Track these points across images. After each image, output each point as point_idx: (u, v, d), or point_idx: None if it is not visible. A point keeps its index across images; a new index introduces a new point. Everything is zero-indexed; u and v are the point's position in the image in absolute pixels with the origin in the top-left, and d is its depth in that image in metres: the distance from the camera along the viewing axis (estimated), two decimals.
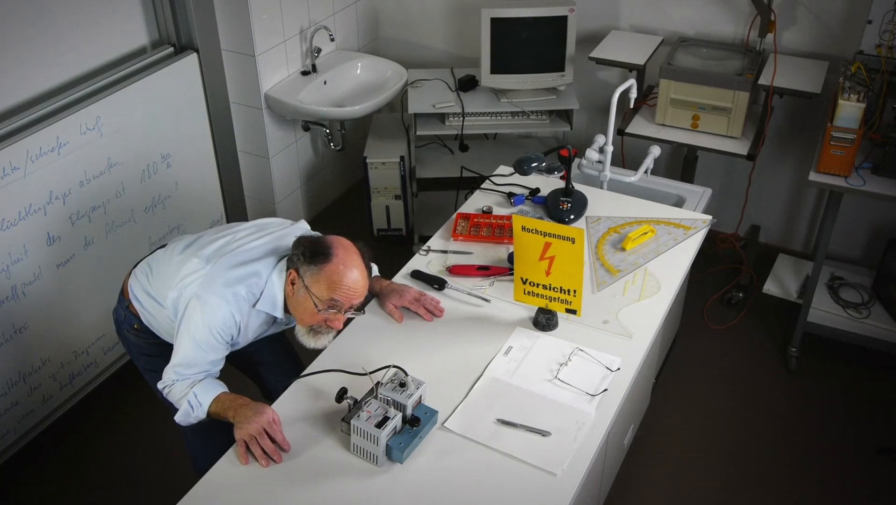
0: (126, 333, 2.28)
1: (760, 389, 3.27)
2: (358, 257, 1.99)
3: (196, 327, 1.98)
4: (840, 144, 2.84)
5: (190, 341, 1.99)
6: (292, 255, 2.00)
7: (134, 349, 2.30)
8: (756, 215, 3.89)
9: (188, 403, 1.99)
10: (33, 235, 2.75)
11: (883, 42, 3.01)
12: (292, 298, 2.01)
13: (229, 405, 1.97)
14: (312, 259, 1.95)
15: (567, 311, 2.17)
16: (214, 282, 1.99)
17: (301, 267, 1.96)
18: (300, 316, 2.02)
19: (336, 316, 1.99)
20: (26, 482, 2.91)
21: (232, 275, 2.00)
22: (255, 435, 1.86)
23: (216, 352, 2.02)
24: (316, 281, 1.94)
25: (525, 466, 1.85)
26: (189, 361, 2.00)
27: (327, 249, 1.96)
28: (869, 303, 3.32)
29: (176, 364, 2.01)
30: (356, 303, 2.00)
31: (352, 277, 1.95)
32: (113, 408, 3.18)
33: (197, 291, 1.99)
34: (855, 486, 2.88)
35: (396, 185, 3.77)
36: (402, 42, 4.21)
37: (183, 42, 3.28)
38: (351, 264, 1.96)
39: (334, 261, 1.94)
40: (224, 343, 2.02)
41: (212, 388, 2.01)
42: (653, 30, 3.67)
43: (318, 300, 1.95)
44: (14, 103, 2.77)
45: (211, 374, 2.05)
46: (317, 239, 2.01)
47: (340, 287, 1.94)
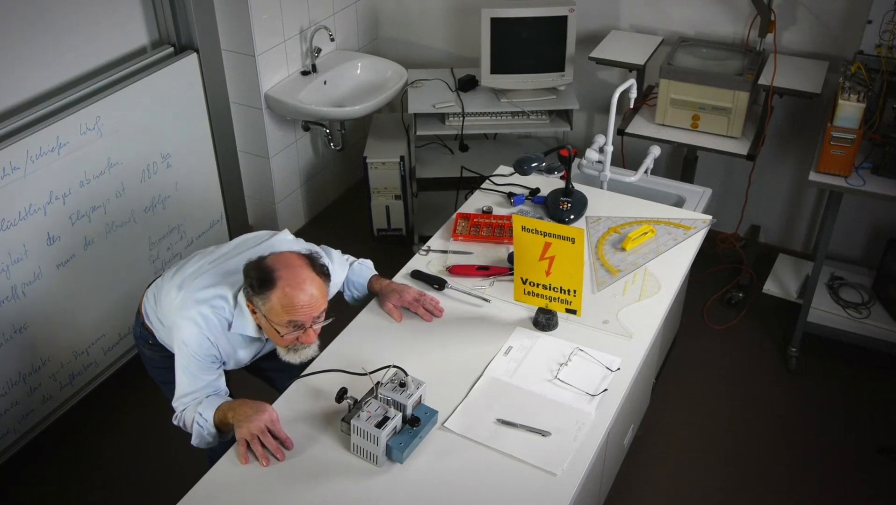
0: (143, 349, 2.33)
1: (760, 389, 3.27)
2: (305, 271, 1.94)
3: (180, 354, 2.02)
4: (840, 144, 2.84)
5: (179, 370, 2.04)
6: (244, 284, 1.98)
7: (149, 363, 2.35)
8: (756, 215, 3.89)
9: (197, 424, 2.01)
10: (33, 235, 2.75)
11: (883, 42, 3.01)
12: (262, 325, 2.01)
13: (228, 407, 1.98)
14: (260, 288, 1.92)
15: (567, 311, 2.17)
16: (184, 306, 2.03)
17: (253, 299, 1.95)
18: (273, 339, 2.02)
19: (304, 333, 1.97)
20: (26, 482, 2.91)
21: (199, 296, 2.03)
22: (256, 433, 1.86)
23: (207, 372, 2.04)
24: (270, 309, 1.92)
25: (525, 466, 1.85)
26: (185, 391, 2.04)
27: (270, 275, 1.92)
28: (869, 303, 3.32)
29: (179, 396, 2.05)
30: (318, 314, 1.97)
31: (302, 297, 1.91)
32: (113, 408, 3.18)
33: (174, 318, 2.04)
34: (855, 486, 2.88)
35: (396, 185, 3.77)
36: (402, 42, 4.21)
37: (183, 42, 3.28)
38: (297, 283, 1.91)
39: (279, 284, 1.91)
40: (209, 364, 2.04)
41: (214, 402, 2.03)
42: (653, 30, 3.67)
43: (279, 326, 1.94)
44: (14, 103, 2.77)
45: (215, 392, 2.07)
46: (259, 264, 1.96)
47: (294, 309, 1.91)
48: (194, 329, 2.00)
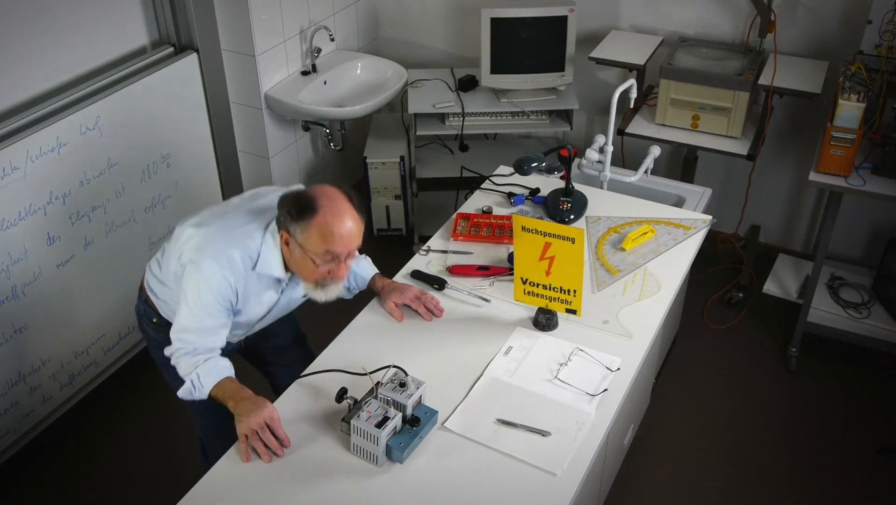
0: (146, 328, 2.27)
1: (760, 389, 3.27)
2: (345, 203, 1.92)
3: (191, 291, 1.95)
4: (840, 144, 2.84)
5: (186, 306, 1.97)
6: (279, 215, 1.95)
7: (153, 344, 2.27)
8: (756, 215, 3.89)
9: (191, 382, 1.98)
10: (33, 235, 2.75)
11: (883, 42, 3.01)
12: (291, 259, 1.97)
13: (231, 395, 1.96)
14: (299, 216, 1.89)
15: (567, 311, 2.17)
16: (207, 246, 1.96)
17: (290, 226, 1.91)
18: (303, 274, 1.99)
19: (338, 266, 1.95)
20: (26, 482, 2.91)
21: (225, 239, 1.97)
22: (256, 429, 1.86)
23: (213, 317, 1.98)
24: (308, 238, 1.89)
25: (525, 466, 1.85)
26: (187, 326, 1.98)
27: (312, 203, 1.89)
28: (869, 303, 3.32)
29: (176, 329, 1.99)
30: (354, 249, 1.96)
31: (343, 226, 1.89)
32: (113, 408, 3.18)
33: (191, 256, 1.96)
34: (855, 486, 2.88)
35: (396, 185, 3.77)
36: (402, 42, 4.21)
37: (183, 42, 3.28)
38: (339, 212, 1.90)
39: (321, 213, 1.88)
40: (221, 308, 1.98)
41: (216, 371, 1.99)
42: (653, 30, 3.67)
43: (315, 256, 1.91)
44: (14, 103, 2.77)
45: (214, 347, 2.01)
46: (300, 194, 1.94)
47: (333, 238, 1.89)
48: (216, 267, 1.94)
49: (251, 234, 1.98)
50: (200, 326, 1.98)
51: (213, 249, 1.95)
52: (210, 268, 1.94)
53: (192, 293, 1.96)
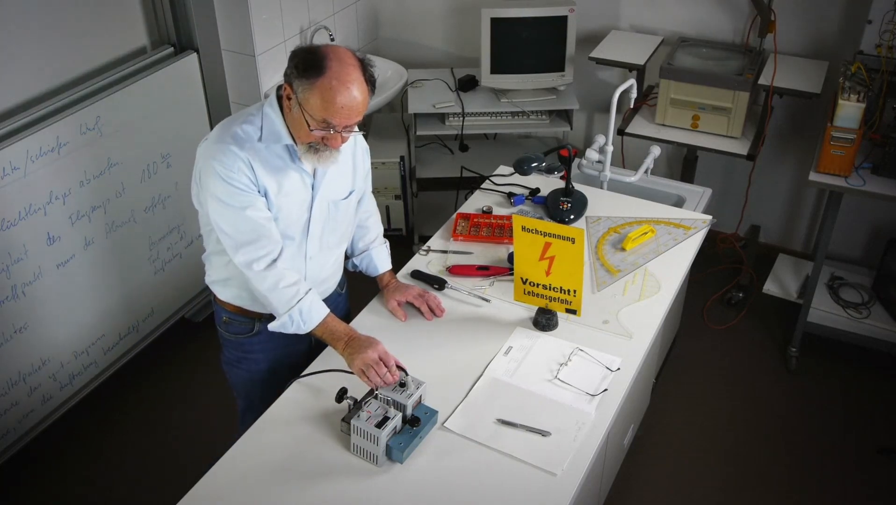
0: (219, 328, 2.24)
1: (760, 389, 3.27)
2: (355, 70, 1.81)
3: (215, 189, 1.90)
4: (840, 144, 2.85)
5: (218, 204, 1.91)
6: (287, 68, 1.84)
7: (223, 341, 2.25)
8: (756, 215, 3.89)
9: (290, 317, 1.98)
10: (33, 235, 2.75)
11: (883, 42, 3.01)
12: (289, 115, 1.89)
13: (339, 337, 2.01)
14: (305, 72, 1.78)
15: (567, 311, 2.17)
16: (213, 139, 1.93)
17: (294, 81, 1.81)
18: (297, 133, 1.90)
19: (333, 136, 1.86)
20: (26, 482, 2.91)
21: (227, 123, 1.95)
22: (371, 364, 1.92)
23: (247, 201, 1.89)
24: (308, 98, 1.79)
25: (525, 466, 1.85)
26: (234, 223, 1.91)
27: (321, 61, 1.78)
28: (869, 303, 3.32)
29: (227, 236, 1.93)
30: (354, 122, 1.86)
31: (347, 94, 1.78)
32: (113, 408, 3.18)
33: (204, 154, 1.93)
34: (855, 486, 2.88)
35: (396, 185, 3.77)
36: (402, 42, 4.21)
37: (183, 42, 3.28)
38: (347, 79, 1.78)
39: (328, 75, 1.77)
40: (246, 187, 1.89)
41: (318, 308, 2.02)
42: (653, 30, 3.67)
43: (311, 119, 1.82)
44: (14, 103, 2.77)
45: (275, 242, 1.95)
46: (311, 48, 1.83)
47: (334, 106, 1.78)
48: (223, 147, 1.88)
49: (250, 112, 1.94)
50: (245, 221, 1.91)
51: (220, 136, 1.91)
52: (219, 150, 1.88)
53: (214, 185, 1.89)
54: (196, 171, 1.96)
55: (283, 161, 1.95)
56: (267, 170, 1.93)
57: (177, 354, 3.37)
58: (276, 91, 1.95)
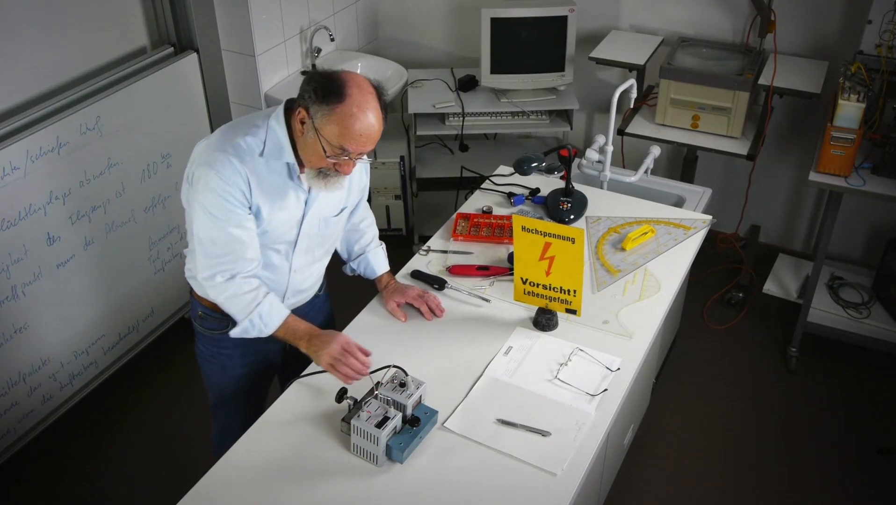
0: (195, 322, 2.21)
1: (760, 389, 3.27)
2: (374, 99, 1.82)
3: (204, 198, 1.88)
4: (840, 144, 2.85)
5: (203, 213, 1.89)
6: (302, 91, 1.83)
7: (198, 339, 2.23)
8: (756, 215, 3.89)
9: (250, 322, 1.97)
10: (33, 235, 2.75)
11: (883, 42, 3.01)
12: (301, 139, 1.88)
13: (301, 335, 2.01)
14: (324, 98, 1.78)
15: (567, 311, 2.17)
16: (214, 144, 1.91)
17: (312, 106, 1.81)
18: (308, 158, 1.90)
19: (346, 162, 1.86)
20: (26, 482, 2.91)
21: (230, 132, 1.92)
22: (336, 357, 1.93)
23: (234, 218, 1.89)
24: (326, 123, 1.79)
25: (525, 466, 1.85)
26: (212, 237, 1.91)
27: (341, 88, 1.78)
28: (869, 303, 3.32)
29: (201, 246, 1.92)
30: (368, 150, 1.87)
31: (365, 121, 1.79)
32: (113, 408, 3.18)
33: (199, 160, 1.90)
34: (855, 486, 2.88)
35: (396, 185, 3.77)
36: (402, 42, 4.21)
37: (183, 42, 3.28)
38: (366, 107, 1.80)
39: (348, 102, 1.78)
40: (238, 202, 1.88)
41: (278, 310, 2.01)
42: (653, 30, 3.67)
43: (328, 144, 1.82)
44: (14, 103, 2.77)
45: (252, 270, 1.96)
46: (329, 74, 1.82)
47: (352, 133, 1.79)
48: (222, 156, 1.86)
49: (254, 123, 1.92)
50: (225, 237, 1.90)
51: (221, 143, 1.89)
52: (217, 158, 1.86)
53: (204, 193, 1.87)
54: (189, 172, 1.94)
55: (280, 178, 1.95)
56: (264, 186, 1.92)
57: (177, 354, 3.36)
58: (283, 104, 1.94)
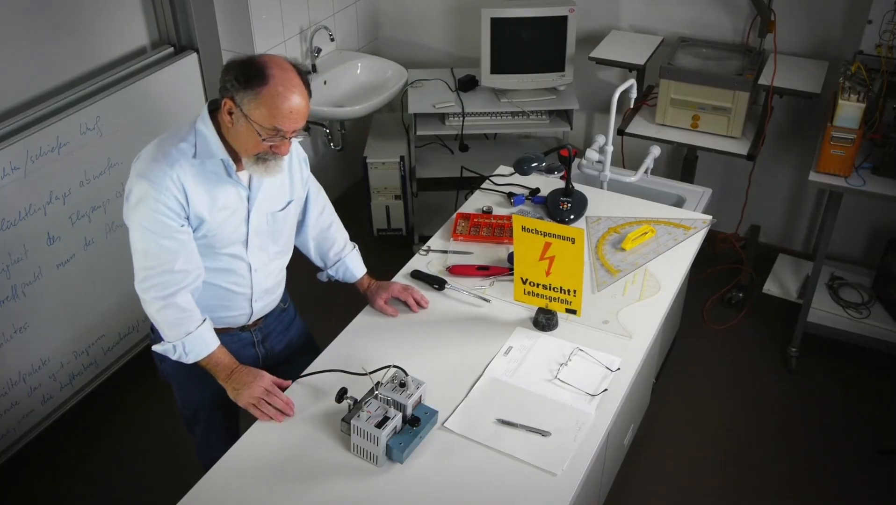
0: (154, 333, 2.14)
1: (760, 389, 3.27)
2: (296, 76, 1.83)
3: (137, 210, 1.86)
4: (840, 144, 2.85)
5: (137, 228, 1.87)
6: (223, 82, 1.82)
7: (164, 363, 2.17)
8: (756, 215, 3.89)
9: (173, 347, 1.96)
10: (33, 235, 2.75)
11: (883, 42, 3.01)
12: (231, 130, 1.86)
13: (222, 369, 1.98)
14: (247, 83, 1.78)
15: (567, 311, 2.17)
16: (145, 157, 1.89)
17: (237, 94, 1.79)
18: (244, 147, 1.87)
19: (282, 143, 1.85)
20: (26, 482, 2.91)
21: (159, 143, 1.91)
22: (259, 396, 1.92)
23: (166, 230, 1.86)
24: (255, 107, 1.79)
25: (525, 466, 1.85)
26: (147, 250, 1.88)
27: (262, 70, 1.78)
28: (869, 303, 3.32)
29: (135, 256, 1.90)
30: (299, 128, 1.86)
31: (294, 99, 1.80)
32: (113, 408, 3.18)
33: (133, 172, 1.88)
34: (855, 486, 2.88)
35: (396, 185, 3.77)
36: (402, 42, 4.21)
37: (183, 42, 3.28)
38: (290, 84, 1.80)
39: (272, 83, 1.78)
40: (170, 213, 1.86)
41: (205, 341, 1.98)
42: (653, 30, 3.67)
43: (261, 128, 1.80)
44: (14, 103, 2.77)
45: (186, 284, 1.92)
46: (247, 60, 1.82)
47: (282, 111, 1.79)
48: (152, 165, 1.84)
49: (181, 131, 1.91)
50: (156, 249, 1.87)
51: (152, 153, 1.88)
52: (149, 168, 1.84)
53: (136, 205, 1.85)
54: (127, 189, 1.90)
55: (217, 176, 1.93)
56: (201, 187, 1.90)
57: None
58: (206, 107, 1.94)
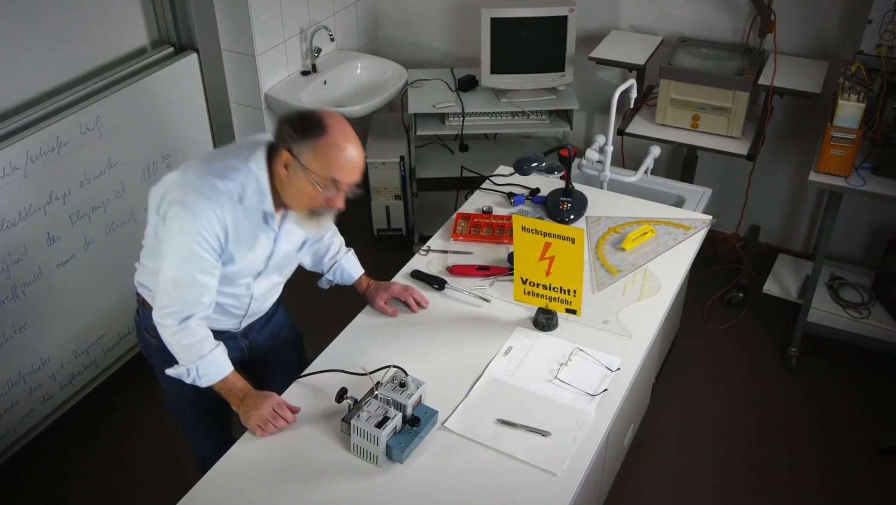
0: (144, 333, 2.16)
1: (760, 389, 3.27)
2: (351, 129, 1.85)
3: (176, 233, 1.84)
4: (840, 144, 2.85)
5: (171, 255, 1.86)
6: (280, 132, 1.82)
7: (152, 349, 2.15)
8: (756, 215, 3.89)
9: (187, 371, 1.94)
10: (33, 235, 2.75)
11: (883, 42, 3.01)
12: (287, 182, 1.86)
13: (236, 393, 1.97)
14: (306, 134, 1.79)
15: (567, 311, 2.17)
16: (191, 183, 1.86)
17: (294, 145, 1.80)
18: (299, 200, 1.88)
19: (338, 195, 1.86)
20: (26, 482, 2.91)
21: (209, 174, 1.87)
22: (267, 418, 1.91)
23: (202, 264, 1.87)
24: (314, 158, 1.79)
25: (525, 466, 1.85)
26: (175, 277, 1.87)
27: (320, 121, 1.80)
28: (869, 303, 3.32)
29: (163, 282, 1.89)
30: (356, 181, 1.87)
31: (353, 151, 1.82)
32: (113, 408, 3.18)
33: (175, 197, 1.85)
34: (855, 486, 2.88)
35: (396, 185, 3.77)
36: (402, 42, 4.21)
37: (183, 42, 3.28)
38: (348, 136, 1.82)
39: (330, 133, 1.79)
40: (210, 249, 1.86)
41: (219, 366, 1.96)
42: (653, 30, 3.67)
43: (320, 178, 1.81)
44: (14, 103, 2.77)
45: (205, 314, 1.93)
46: (305, 112, 1.83)
47: (340, 162, 1.80)
48: (202, 201, 1.81)
49: (235, 167, 1.88)
50: (189, 280, 1.87)
51: (199, 185, 1.84)
52: (196, 203, 1.82)
53: (177, 235, 1.84)
54: (163, 208, 1.88)
55: (255, 223, 1.93)
56: (239, 230, 1.91)
57: None
58: (264, 150, 1.90)
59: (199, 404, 2.23)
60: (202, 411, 2.27)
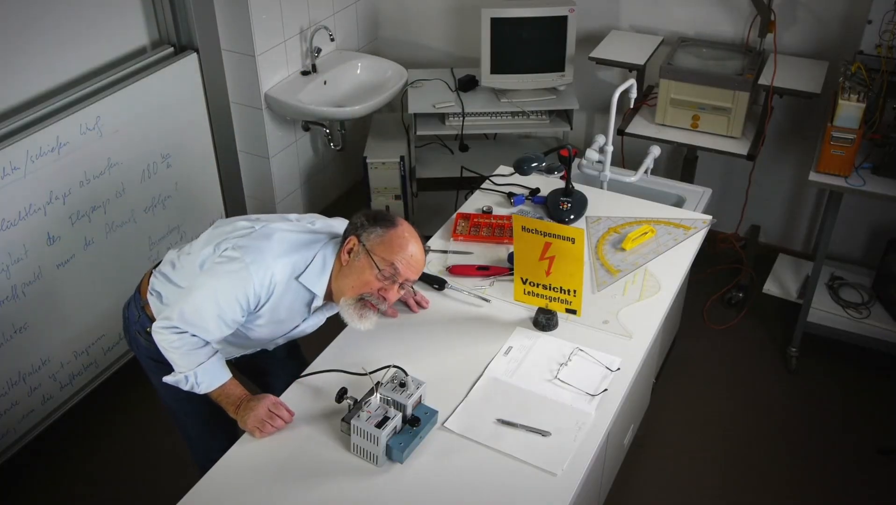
0: (136, 336, 2.17)
1: (760, 389, 3.27)
2: (417, 234, 2.01)
3: (223, 281, 1.91)
4: (840, 144, 2.84)
5: (208, 290, 1.92)
6: (353, 223, 1.99)
7: (144, 352, 2.17)
8: (756, 215, 3.89)
9: (185, 378, 1.96)
10: (33, 235, 2.75)
11: (883, 42, 3.01)
12: (345, 268, 1.96)
13: (233, 401, 1.98)
14: (377, 223, 1.95)
15: (567, 311, 2.17)
16: (261, 242, 1.95)
17: (363, 233, 1.95)
18: (353, 284, 1.95)
19: (391, 287, 1.96)
20: (26, 482, 2.91)
21: (281, 242, 1.96)
22: (264, 420, 1.91)
23: (231, 314, 1.92)
24: (379, 243, 1.93)
25: (525, 466, 1.85)
26: (199, 309, 1.91)
27: (393, 218, 1.98)
28: (869, 303, 3.32)
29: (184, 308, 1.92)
30: (412, 279, 2.00)
31: (416, 247, 1.98)
32: (113, 408, 3.18)
33: (242, 243, 1.94)
34: (855, 486, 2.88)
35: (396, 185, 3.77)
36: (402, 42, 4.21)
37: (183, 42, 3.29)
38: (416, 236, 1.99)
39: (399, 228, 1.96)
40: (246, 306, 1.93)
41: (217, 374, 1.99)
42: (653, 30, 3.67)
43: (381, 262, 1.92)
44: (14, 103, 2.77)
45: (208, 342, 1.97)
46: (378, 211, 2.03)
47: (404, 252, 1.94)
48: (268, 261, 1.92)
49: (307, 245, 2.00)
50: (211, 318, 1.92)
51: (268, 248, 1.94)
52: (261, 261, 1.91)
53: (225, 277, 1.91)
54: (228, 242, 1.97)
55: (298, 302, 2.02)
56: (279, 303, 1.99)
57: None
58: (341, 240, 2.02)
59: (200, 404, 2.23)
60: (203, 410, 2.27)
